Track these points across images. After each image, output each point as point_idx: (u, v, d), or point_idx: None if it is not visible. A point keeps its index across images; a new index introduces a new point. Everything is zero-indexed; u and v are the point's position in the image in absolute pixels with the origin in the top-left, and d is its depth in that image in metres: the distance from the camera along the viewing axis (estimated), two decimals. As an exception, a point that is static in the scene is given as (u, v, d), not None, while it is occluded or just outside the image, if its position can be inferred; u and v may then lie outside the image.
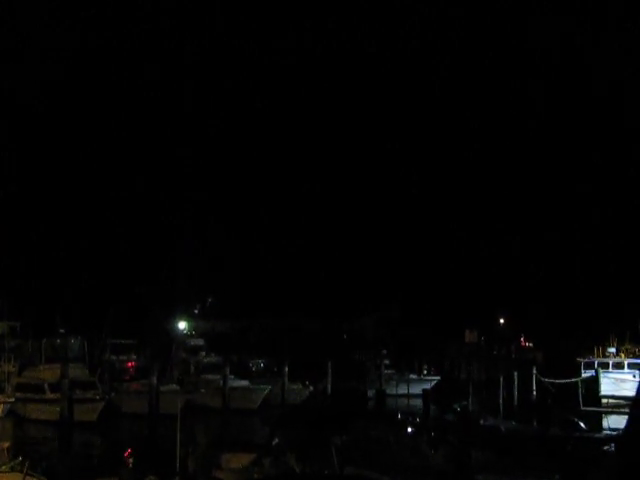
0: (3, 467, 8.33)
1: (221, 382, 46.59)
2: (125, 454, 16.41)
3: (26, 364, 48.35)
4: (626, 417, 21.06)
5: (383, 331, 70.57)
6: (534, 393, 47.40)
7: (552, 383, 48.19)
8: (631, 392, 44.37)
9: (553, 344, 70.42)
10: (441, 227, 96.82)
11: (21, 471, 7.19)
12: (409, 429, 22.87)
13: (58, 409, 39.36)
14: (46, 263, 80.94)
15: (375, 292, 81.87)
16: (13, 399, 38.23)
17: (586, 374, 49.81)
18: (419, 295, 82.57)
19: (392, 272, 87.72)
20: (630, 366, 49.89)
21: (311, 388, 50.46)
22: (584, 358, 52.55)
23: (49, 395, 40.92)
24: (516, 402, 44.85)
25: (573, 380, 47.48)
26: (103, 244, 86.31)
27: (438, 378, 56.38)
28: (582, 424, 27.88)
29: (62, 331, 59.39)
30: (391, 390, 50.07)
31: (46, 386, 41.42)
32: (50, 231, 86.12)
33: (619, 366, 50.20)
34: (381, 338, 67.76)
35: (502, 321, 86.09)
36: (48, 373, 43.19)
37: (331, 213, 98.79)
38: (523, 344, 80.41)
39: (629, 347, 52.25)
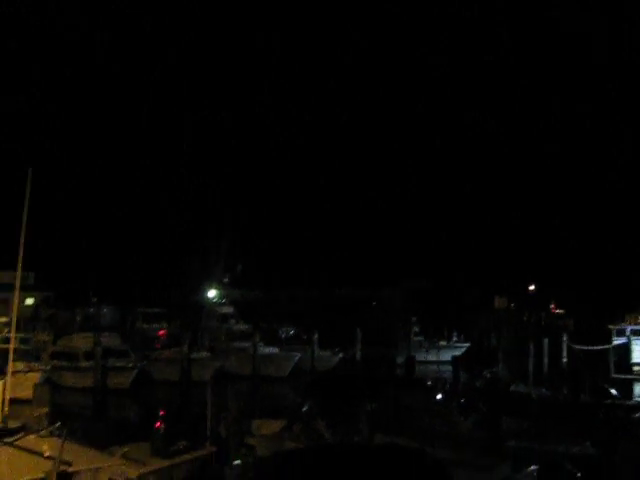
0: (42, 432, 8.55)
1: (251, 350, 46.84)
2: (157, 420, 16.59)
3: (60, 333, 49.04)
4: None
5: (412, 300, 70.47)
6: (564, 360, 47.06)
7: (583, 350, 47.85)
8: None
9: (584, 311, 69.85)
10: (472, 193, 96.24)
11: (59, 436, 7.36)
12: (439, 396, 22.88)
13: (92, 377, 39.91)
14: (79, 234, 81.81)
15: (404, 262, 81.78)
16: (49, 367, 38.86)
17: (618, 341, 49.40)
18: (449, 263, 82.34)
19: (422, 240, 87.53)
20: (662, 333, 49.46)
21: (341, 355, 50.61)
22: (616, 325, 52.07)
23: (83, 363, 41.48)
24: (546, 369, 44.64)
25: (604, 347, 47.17)
26: (135, 214, 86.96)
27: (468, 345, 56.24)
28: (613, 391, 27.72)
29: (95, 300, 60.20)
30: (420, 357, 49.93)
31: (80, 354, 41.97)
32: (84, 201, 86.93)
33: (651, 333, 49.75)
34: (410, 306, 67.70)
35: (532, 287, 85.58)
36: (82, 342, 43.72)
37: (362, 183, 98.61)
38: (554, 311, 79.92)
39: (662, 314, 51.74)
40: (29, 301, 62.31)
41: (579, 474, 14.33)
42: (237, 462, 10.70)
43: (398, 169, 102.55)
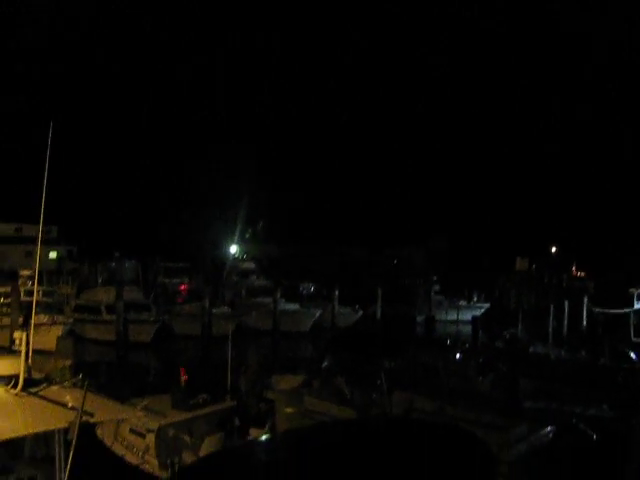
0: (66, 383, 8.71)
1: (272, 305, 47.03)
2: (178, 374, 16.80)
3: (83, 287, 49.56)
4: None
5: (433, 259, 70.41)
6: (584, 323, 46.94)
7: (603, 313, 47.69)
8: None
9: (606, 274, 69.45)
10: (495, 154, 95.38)
11: (82, 387, 7.50)
12: (458, 355, 22.96)
13: (114, 330, 40.37)
14: (103, 188, 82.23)
15: (427, 221, 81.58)
16: (72, 320, 39.35)
17: (638, 305, 49.19)
18: (472, 223, 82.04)
19: (445, 200, 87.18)
20: (684, 298, 49.17)
21: (361, 312, 50.78)
22: (637, 289, 51.79)
23: (105, 316, 41.91)
24: (566, 331, 44.54)
25: (625, 311, 46.96)
26: (159, 169, 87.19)
27: (488, 305, 56.20)
28: (632, 355, 27.67)
29: (117, 255, 60.64)
30: (440, 316, 49.95)
31: (102, 308, 42.40)
32: (106, 156, 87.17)
33: (673, 297, 49.48)
34: (431, 265, 67.63)
35: (554, 249, 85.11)
36: (104, 295, 44.14)
37: (381, 144, 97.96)
38: (575, 273, 79.50)
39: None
40: (52, 255, 62.99)
41: (595, 436, 14.38)
42: (265, 436, 10.76)
43: (421, 130, 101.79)
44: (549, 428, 14.65)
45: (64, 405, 7.65)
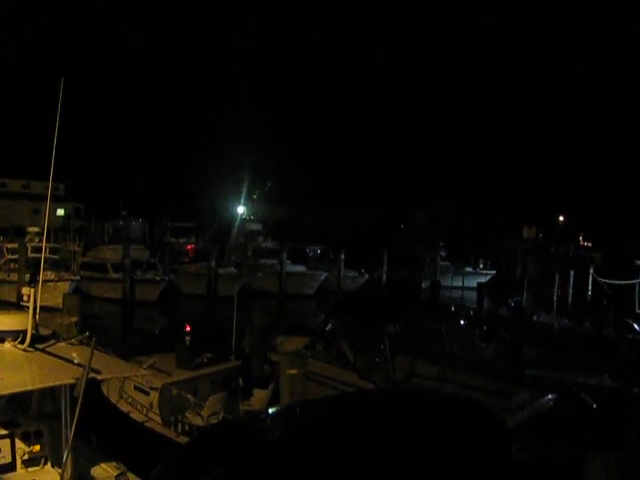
0: (72, 340, 8.78)
1: (278, 267, 47.17)
2: (183, 333, 16.92)
3: (90, 244, 49.72)
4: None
5: (439, 225, 70.27)
6: (589, 293, 46.89)
7: (608, 284, 47.63)
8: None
9: (612, 245, 69.24)
10: (503, 123, 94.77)
11: (88, 344, 7.56)
12: (462, 322, 23.04)
13: (120, 288, 40.60)
14: (110, 146, 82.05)
15: (434, 186, 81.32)
16: (78, 277, 39.56)
17: (644, 277, 49.04)
18: (479, 190, 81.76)
19: (454, 165, 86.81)
20: (690, 270, 48.94)
21: (366, 276, 50.91)
22: (644, 260, 51.71)
23: (112, 274, 42.15)
24: (570, 301, 44.57)
25: (630, 282, 46.87)
26: (167, 129, 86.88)
27: (494, 272, 56.25)
28: (636, 326, 27.72)
29: (124, 213, 60.73)
30: (446, 282, 50.06)
31: (109, 266, 42.62)
32: (115, 113, 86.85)
33: (679, 269, 49.25)
34: (438, 230, 67.54)
35: (562, 219, 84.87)
36: (111, 253, 44.36)
37: (390, 108, 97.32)
38: (582, 243, 79.34)
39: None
40: (60, 212, 63.09)
41: (595, 405, 14.47)
42: (272, 410, 10.86)
43: (427, 97, 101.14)
44: (550, 396, 14.75)
45: (71, 361, 7.73)
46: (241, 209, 63.40)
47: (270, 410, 11.56)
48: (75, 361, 7.71)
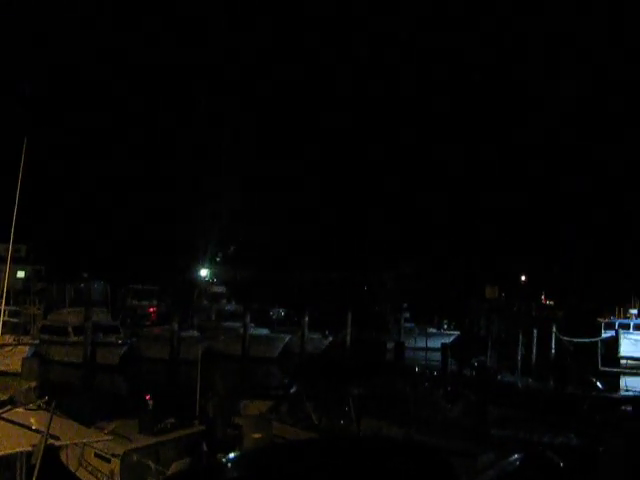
0: (31, 405, 8.56)
1: (241, 330, 46.81)
2: (146, 398, 16.61)
3: (51, 307, 48.98)
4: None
5: (403, 286, 70.65)
6: (553, 351, 47.23)
7: (571, 342, 48.04)
8: (651, 354, 44.37)
9: (574, 303, 70.13)
10: (463, 184, 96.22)
11: (47, 410, 7.37)
12: (427, 383, 22.98)
13: (81, 352, 39.93)
14: (72, 209, 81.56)
15: (396, 248, 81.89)
16: (38, 341, 38.82)
17: (606, 334, 49.58)
18: (439, 251, 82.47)
19: (415, 226, 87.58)
20: (651, 328, 49.60)
21: (330, 338, 50.67)
22: (605, 318, 52.29)
23: (73, 338, 41.47)
24: (534, 359, 44.79)
25: (593, 340, 47.33)
26: (129, 191, 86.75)
27: (457, 333, 56.38)
28: (600, 384, 27.91)
29: (86, 276, 60.11)
30: (410, 343, 49.98)
31: (70, 329, 41.94)
32: (76, 177, 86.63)
33: (640, 328, 49.90)
34: (401, 292, 67.83)
35: (523, 278, 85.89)
36: (72, 316, 43.69)
37: (349, 170, 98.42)
38: (544, 302, 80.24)
39: (651, 309, 51.85)
40: (20, 274, 62.23)
41: (562, 464, 14.46)
42: (235, 454, 10.69)
43: (388, 159, 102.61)
44: (517, 455, 14.71)
45: (28, 427, 7.54)
46: (204, 272, 63.17)
47: (231, 455, 11.48)
48: (32, 427, 7.53)
